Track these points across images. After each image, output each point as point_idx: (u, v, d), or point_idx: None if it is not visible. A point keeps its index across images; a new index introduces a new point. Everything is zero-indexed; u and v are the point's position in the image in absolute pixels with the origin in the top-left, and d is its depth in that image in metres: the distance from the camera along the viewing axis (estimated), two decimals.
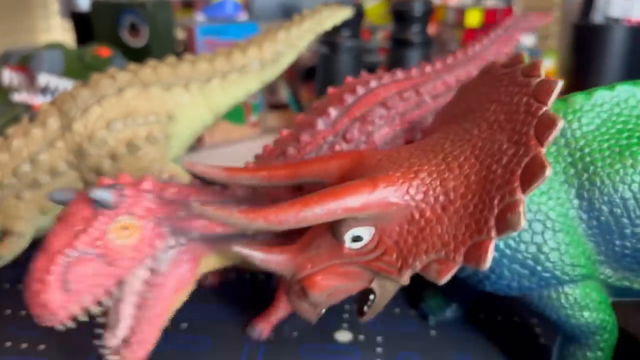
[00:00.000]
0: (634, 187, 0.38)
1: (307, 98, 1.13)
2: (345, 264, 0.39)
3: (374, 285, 0.40)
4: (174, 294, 0.43)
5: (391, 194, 0.37)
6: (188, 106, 0.63)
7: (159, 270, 0.41)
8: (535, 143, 0.34)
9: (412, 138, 0.56)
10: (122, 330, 0.40)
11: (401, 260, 0.37)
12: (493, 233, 0.34)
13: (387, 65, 1.02)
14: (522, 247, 0.38)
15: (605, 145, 0.39)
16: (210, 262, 0.46)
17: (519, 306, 0.55)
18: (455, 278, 0.50)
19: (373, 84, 0.55)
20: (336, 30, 0.92)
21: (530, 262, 0.38)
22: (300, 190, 0.49)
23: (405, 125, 0.55)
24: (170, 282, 0.42)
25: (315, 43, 1.00)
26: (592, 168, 0.38)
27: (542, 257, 0.38)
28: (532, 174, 0.33)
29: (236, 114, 1.07)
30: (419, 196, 0.37)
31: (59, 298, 0.36)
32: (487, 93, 0.41)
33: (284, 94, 1.12)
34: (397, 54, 0.98)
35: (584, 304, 0.40)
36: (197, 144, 1.04)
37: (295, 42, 0.71)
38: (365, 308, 0.42)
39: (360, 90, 0.54)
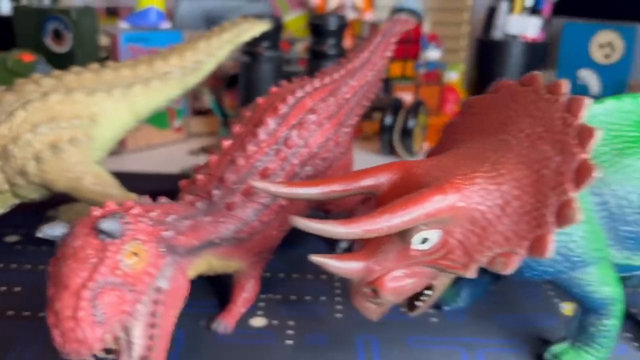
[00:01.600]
0: (634, 182, 0.46)
1: (229, 104, 1.18)
2: (412, 265, 0.44)
3: (435, 282, 0.46)
4: (176, 307, 0.46)
5: (457, 199, 0.42)
6: (111, 110, 0.66)
7: (163, 288, 0.44)
8: (579, 151, 0.41)
9: (339, 138, 0.63)
10: (138, 351, 0.42)
11: (467, 257, 0.43)
12: (553, 227, 0.40)
13: (306, 75, 1.08)
14: (557, 237, 0.44)
15: (607, 149, 0.47)
16: (192, 272, 0.50)
17: None
18: None
19: (299, 93, 0.60)
20: (257, 41, 0.97)
21: (563, 249, 0.45)
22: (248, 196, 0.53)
23: (333, 128, 0.61)
24: (173, 297, 0.45)
25: (238, 52, 1.05)
26: (600, 169, 0.46)
27: (573, 244, 0.46)
28: (582, 176, 0.40)
29: (160, 119, 1.10)
30: (480, 199, 0.43)
31: (94, 331, 0.38)
32: (514, 108, 0.48)
33: (208, 101, 1.16)
34: (315, 64, 1.05)
35: (603, 280, 0.48)
36: (120, 148, 1.06)
37: (215, 52, 0.75)
38: (419, 303, 0.48)
39: (291, 99, 0.59)
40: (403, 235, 0.43)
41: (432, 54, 1.27)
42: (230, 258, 0.53)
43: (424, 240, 0.43)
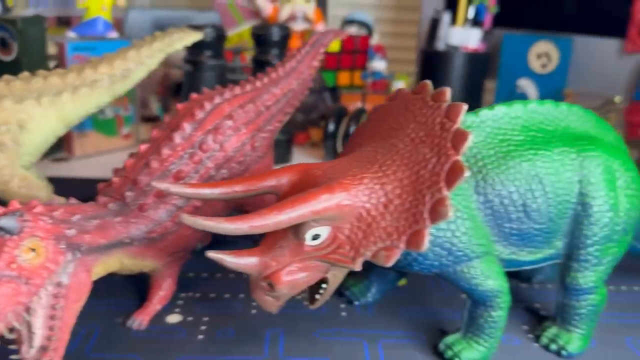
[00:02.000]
0: (517, 182, 0.51)
1: None
2: (305, 259, 0.47)
3: (329, 275, 0.49)
4: (78, 301, 0.49)
5: (344, 198, 0.45)
6: (39, 117, 0.68)
7: (64, 282, 0.47)
8: (453, 152, 0.45)
9: (256, 142, 0.66)
10: (38, 341, 0.45)
11: (354, 251, 0.46)
12: (428, 222, 0.44)
13: None
14: (441, 233, 0.49)
15: (492, 152, 0.51)
16: (99, 270, 0.52)
17: None
18: (374, 267, 0.60)
19: (217, 99, 0.63)
20: (199, 50, 1.01)
21: (447, 244, 0.49)
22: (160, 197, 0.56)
23: (249, 133, 0.64)
24: (73, 292, 0.48)
25: (182, 61, 1.08)
26: (484, 170, 0.51)
27: (455, 239, 0.49)
28: (454, 175, 0.44)
29: (108, 126, 1.12)
30: (365, 198, 0.46)
31: None
32: (404, 115, 0.52)
33: (155, 108, 1.19)
34: (259, 73, 1.08)
35: (488, 274, 0.51)
36: (68, 155, 1.08)
37: (145, 60, 0.78)
38: (317, 296, 0.51)
39: (208, 105, 0.62)
40: (296, 232, 0.47)
41: (378, 64, 1.32)
42: (142, 257, 0.56)
43: (316, 237, 0.47)
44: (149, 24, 1.27)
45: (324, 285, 0.51)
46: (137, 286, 0.65)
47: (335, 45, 1.32)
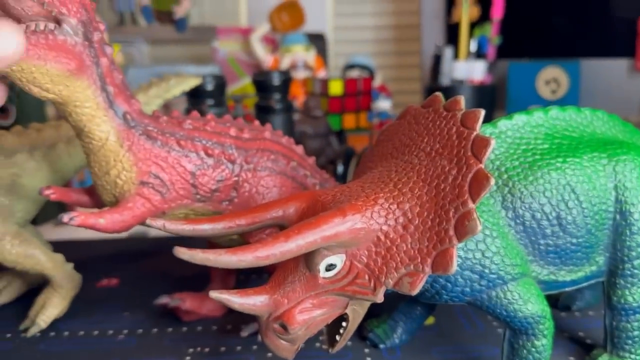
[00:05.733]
0: (547, 193, 0.46)
1: None
2: (320, 294, 0.42)
3: (348, 311, 0.44)
4: None
5: (358, 221, 0.41)
6: (33, 171, 0.65)
7: None
8: (474, 161, 0.41)
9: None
10: None
11: (374, 280, 0.41)
12: (455, 240, 0.39)
13: None
14: (470, 254, 0.44)
15: (517, 163, 0.47)
16: None
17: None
18: (398, 304, 0.56)
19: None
20: (201, 99, 0.98)
21: (478, 266, 0.44)
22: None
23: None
24: None
25: (184, 111, 1.06)
26: (510, 182, 0.46)
27: (487, 260, 0.44)
28: (478, 185, 0.40)
29: None
30: (381, 220, 0.42)
31: None
32: (416, 130, 0.48)
33: None
34: (262, 119, 1.05)
35: (526, 298, 0.46)
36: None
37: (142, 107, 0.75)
38: (337, 337, 0.45)
39: None
40: (309, 264, 0.42)
41: (383, 104, 1.30)
42: None
43: (330, 267, 0.42)
44: (150, 75, 1.26)
45: (343, 324, 0.45)
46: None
47: (338, 89, 1.30)
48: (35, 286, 0.71)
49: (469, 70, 1.27)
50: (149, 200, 0.53)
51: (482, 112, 0.44)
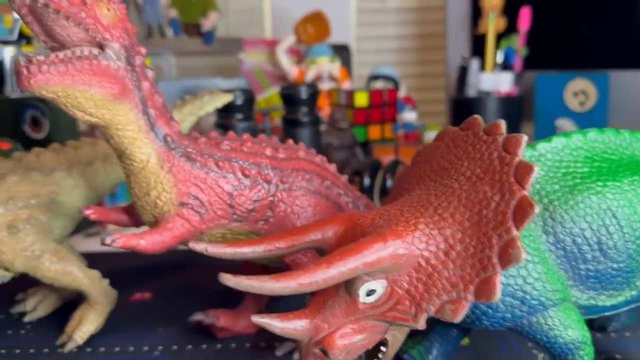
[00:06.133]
0: (588, 218, 0.46)
1: None
2: (360, 319, 0.42)
3: (387, 336, 0.44)
4: None
5: (399, 246, 0.41)
6: (70, 189, 0.66)
7: None
8: (518, 187, 0.41)
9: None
10: None
11: (415, 306, 0.41)
12: (498, 268, 0.39)
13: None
14: (511, 280, 0.44)
15: (557, 187, 0.47)
16: None
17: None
18: (434, 325, 0.55)
19: None
20: (230, 113, 1.00)
21: (519, 292, 0.44)
22: None
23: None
24: None
25: (213, 125, 1.07)
26: (551, 207, 0.46)
27: (528, 286, 0.44)
28: (522, 213, 0.40)
29: None
30: (422, 245, 0.42)
31: None
32: (455, 153, 0.47)
33: None
34: (289, 132, 1.06)
35: (567, 323, 0.45)
36: (100, 229, 1.06)
37: None
38: None
39: None
40: (349, 289, 0.42)
41: (409, 115, 1.29)
42: None
43: (371, 292, 0.42)
44: (178, 94, 1.27)
45: (382, 349, 0.45)
46: None
47: (363, 101, 1.30)
48: (70, 300, 0.72)
49: (496, 81, 1.26)
50: (188, 220, 0.54)
51: (525, 138, 0.44)
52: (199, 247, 0.45)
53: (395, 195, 0.53)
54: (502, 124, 0.46)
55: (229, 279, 0.40)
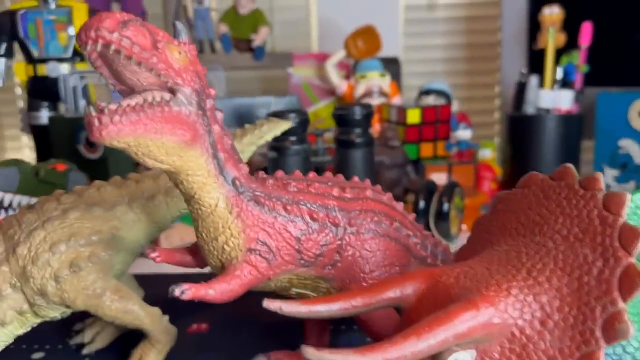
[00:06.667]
0: None
1: None
2: None
3: None
4: None
5: (493, 315, 0.38)
6: (132, 224, 0.65)
7: None
8: (624, 254, 0.38)
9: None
10: None
11: None
12: (602, 343, 0.36)
13: (335, 165, 1.07)
14: (610, 350, 0.41)
15: None
16: None
17: None
18: None
19: None
20: (283, 136, 0.98)
21: None
22: None
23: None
24: None
25: (265, 149, 1.05)
26: None
27: (628, 357, 0.42)
28: (630, 283, 0.36)
29: None
30: (516, 314, 0.39)
31: None
32: (547, 206, 0.44)
33: None
34: (343, 154, 1.04)
35: None
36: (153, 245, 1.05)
37: None
38: None
39: None
40: (436, 357, 0.39)
41: (464, 133, 1.26)
42: None
43: None
44: (230, 113, 1.26)
45: None
46: None
47: (416, 118, 1.27)
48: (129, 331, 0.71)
49: (556, 99, 1.21)
50: (256, 267, 0.52)
51: (629, 197, 0.40)
52: (273, 306, 0.43)
53: (475, 246, 0.50)
54: (601, 178, 0.43)
55: (312, 354, 0.37)
